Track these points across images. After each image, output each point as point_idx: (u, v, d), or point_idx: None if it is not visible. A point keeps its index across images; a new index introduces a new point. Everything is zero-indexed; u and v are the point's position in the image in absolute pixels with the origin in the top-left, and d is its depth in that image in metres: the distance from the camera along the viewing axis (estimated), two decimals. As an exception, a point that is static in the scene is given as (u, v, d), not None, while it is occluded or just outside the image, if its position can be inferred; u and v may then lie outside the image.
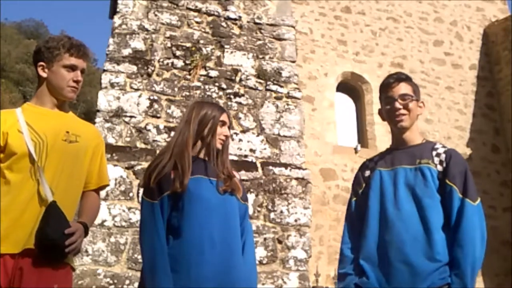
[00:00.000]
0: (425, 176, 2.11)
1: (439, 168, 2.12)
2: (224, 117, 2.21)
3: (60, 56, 2.18)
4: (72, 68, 2.20)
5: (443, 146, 2.22)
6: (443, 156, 2.15)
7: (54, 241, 1.96)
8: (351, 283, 2.13)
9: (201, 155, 2.17)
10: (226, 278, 1.96)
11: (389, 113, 2.26)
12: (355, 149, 9.95)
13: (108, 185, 2.43)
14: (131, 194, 4.69)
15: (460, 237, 2.01)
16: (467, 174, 2.11)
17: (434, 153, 2.17)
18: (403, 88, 2.25)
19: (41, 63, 2.21)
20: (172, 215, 2.02)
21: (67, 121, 2.23)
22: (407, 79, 2.29)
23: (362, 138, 10.37)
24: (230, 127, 2.29)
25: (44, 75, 2.20)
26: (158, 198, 2.02)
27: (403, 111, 2.22)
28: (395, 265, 2.04)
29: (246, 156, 5.14)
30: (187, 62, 5.39)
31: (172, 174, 2.04)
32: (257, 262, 4.10)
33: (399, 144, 2.27)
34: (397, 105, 2.21)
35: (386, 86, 2.28)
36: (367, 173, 2.31)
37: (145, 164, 4.79)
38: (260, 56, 5.68)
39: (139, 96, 5.11)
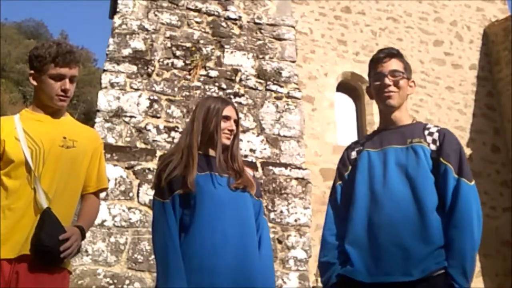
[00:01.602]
0: (418, 155, 1.96)
1: (432, 147, 1.99)
2: (227, 111, 2.18)
3: (47, 66, 2.15)
4: (60, 77, 2.16)
5: (435, 126, 2.09)
6: (436, 135, 2.01)
7: (49, 247, 1.97)
8: (333, 275, 1.96)
9: (211, 153, 2.16)
10: (241, 274, 1.94)
11: (378, 90, 2.11)
12: (355, 149, 9.93)
13: (107, 188, 2.44)
14: (131, 194, 4.69)
15: (457, 218, 1.87)
16: (462, 153, 1.98)
17: (426, 132, 2.03)
18: (394, 64, 2.11)
19: (31, 71, 2.22)
20: (184, 213, 2.01)
21: (64, 126, 2.24)
22: (398, 55, 2.15)
23: (362, 138, 10.35)
24: (238, 121, 2.24)
25: (34, 83, 2.21)
26: (169, 198, 2.02)
27: (392, 88, 2.08)
28: (386, 248, 1.87)
29: (246, 156, 5.14)
30: (187, 62, 5.39)
31: (182, 173, 2.04)
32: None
33: (388, 125, 2.13)
34: (387, 81, 2.08)
35: (376, 61, 2.14)
36: (354, 154, 2.15)
37: (145, 164, 4.79)
38: (260, 56, 5.68)
39: (139, 96, 5.11)
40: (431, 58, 11.18)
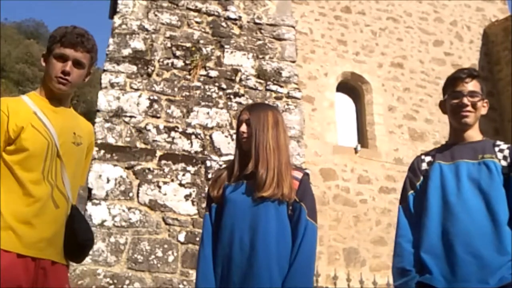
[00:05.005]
0: (490, 170, 2.08)
1: (503, 163, 2.10)
2: (242, 116, 2.27)
3: (54, 45, 2.06)
4: (63, 58, 2.04)
5: (505, 143, 2.20)
6: (507, 152, 2.13)
7: (90, 241, 2.07)
8: (412, 283, 2.05)
9: (250, 163, 2.19)
10: (246, 284, 2.01)
11: (455, 108, 2.22)
12: (355, 149, 9.95)
13: (82, 185, 2.35)
14: (131, 194, 4.69)
15: None
16: None
17: (496, 149, 2.15)
18: (473, 85, 2.22)
19: (44, 52, 2.13)
20: (217, 221, 2.17)
21: (72, 120, 2.16)
22: (478, 76, 2.25)
23: (362, 138, 10.37)
24: (249, 123, 2.23)
25: (43, 64, 2.12)
26: (208, 209, 2.23)
27: (470, 108, 2.19)
28: (462, 257, 1.97)
29: (246, 156, 5.14)
30: (187, 62, 5.39)
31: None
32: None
33: (458, 140, 2.24)
34: (466, 101, 2.18)
35: (456, 80, 2.25)
36: (424, 166, 2.25)
37: (145, 164, 4.79)
38: (260, 56, 5.68)
39: (139, 96, 5.11)
40: (431, 58, 11.18)
